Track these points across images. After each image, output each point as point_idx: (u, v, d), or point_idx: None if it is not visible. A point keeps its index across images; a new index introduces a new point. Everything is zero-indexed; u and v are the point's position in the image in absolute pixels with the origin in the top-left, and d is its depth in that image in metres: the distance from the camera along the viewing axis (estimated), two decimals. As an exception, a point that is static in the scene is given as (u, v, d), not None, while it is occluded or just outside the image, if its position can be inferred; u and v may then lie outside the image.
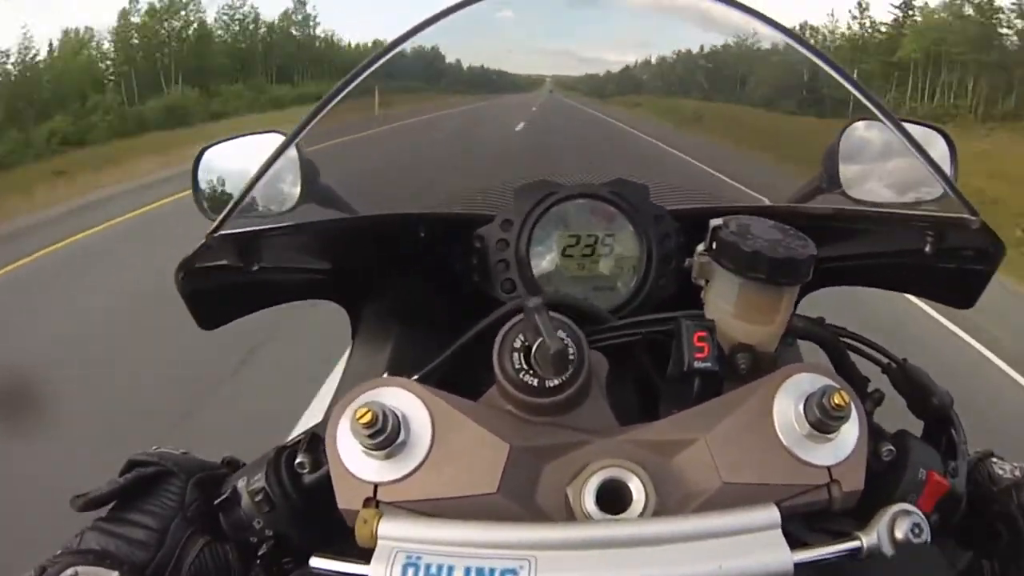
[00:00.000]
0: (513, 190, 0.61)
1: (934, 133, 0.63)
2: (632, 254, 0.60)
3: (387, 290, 0.64)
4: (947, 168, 0.61)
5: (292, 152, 0.64)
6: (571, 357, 0.43)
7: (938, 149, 0.62)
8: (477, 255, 0.60)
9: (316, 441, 0.44)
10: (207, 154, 0.66)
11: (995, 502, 0.44)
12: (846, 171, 0.62)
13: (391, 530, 0.40)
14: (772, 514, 0.40)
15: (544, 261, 0.60)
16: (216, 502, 0.45)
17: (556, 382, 0.42)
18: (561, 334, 0.43)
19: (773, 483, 0.41)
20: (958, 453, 0.47)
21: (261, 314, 0.59)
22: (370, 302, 0.65)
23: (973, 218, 0.46)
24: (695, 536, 0.39)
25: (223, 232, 0.49)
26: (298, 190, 0.64)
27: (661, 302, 0.58)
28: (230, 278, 0.53)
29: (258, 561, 0.44)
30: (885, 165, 0.58)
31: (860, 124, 0.62)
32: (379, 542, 0.39)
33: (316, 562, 0.41)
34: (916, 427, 0.51)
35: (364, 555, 0.39)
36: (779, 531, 0.39)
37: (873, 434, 0.46)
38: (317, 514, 0.43)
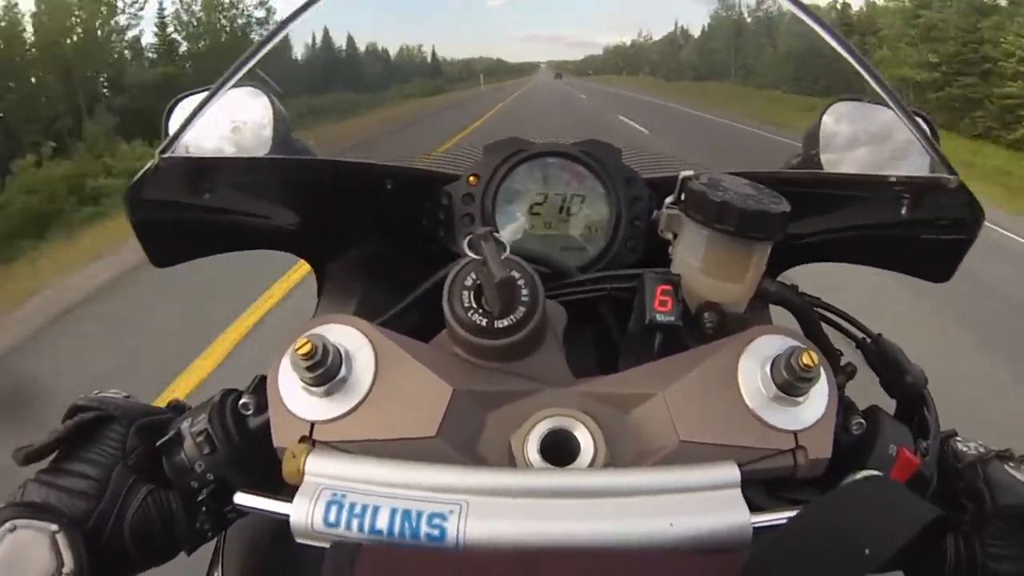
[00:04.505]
0: (483, 147, 0.60)
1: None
2: (601, 215, 0.59)
3: (353, 246, 0.62)
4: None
5: (266, 102, 0.63)
6: (523, 298, 0.40)
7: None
8: (444, 211, 0.58)
9: (263, 383, 0.42)
10: (180, 104, 0.65)
11: (960, 478, 0.43)
12: (827, 151, 0.61)
13: (318, 466, 0.37)
14: (732, 472, 0.37)
15: (511, 218, 0.59)
16: (158, 443, 0.42)
17: (505, 323, 0.40)
18: (514, 273, 0.41)
19: (735, 445, 0.39)
20: (930, 433, 0.45)
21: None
22: (336, 258, 0.63)
23: (951, 177, 0.45)
24: (644, 490, 0.36)
25: (173, 154, 0.47)
26: (270, 143, 0.63)
27: (628, 264, 0.56)
28: (184, 213, 0.51)
29: (203, 508, 0.42)
30: (866, 145, 0.57)
31: (841, 104, 0.61)
32: (305, 478, 0.37)
33: (240, 498, 0.39)
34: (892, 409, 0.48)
35: (294, 495, 0.36)
36: (739, 491, 0.37)
37: (843, 406, 0.43)
38: (260, 458, 0.41)
